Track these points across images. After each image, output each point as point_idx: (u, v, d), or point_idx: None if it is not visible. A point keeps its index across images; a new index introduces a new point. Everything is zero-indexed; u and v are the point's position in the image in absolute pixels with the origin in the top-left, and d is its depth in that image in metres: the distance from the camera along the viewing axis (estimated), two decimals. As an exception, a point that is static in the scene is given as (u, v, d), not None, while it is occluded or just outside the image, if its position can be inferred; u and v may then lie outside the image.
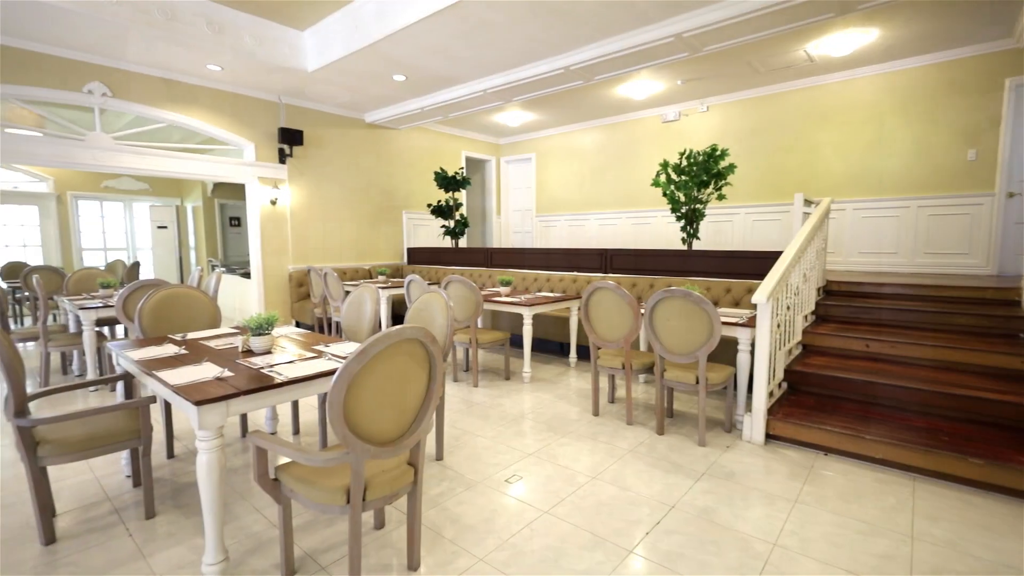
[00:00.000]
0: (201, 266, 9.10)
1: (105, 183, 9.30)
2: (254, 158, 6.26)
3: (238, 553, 2.02)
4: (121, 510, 2.35)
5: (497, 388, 4.25)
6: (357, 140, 7.35)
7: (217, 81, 5.79)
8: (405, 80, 5.76)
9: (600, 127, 8.28)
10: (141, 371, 2.15)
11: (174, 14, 4.43)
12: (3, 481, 2.63)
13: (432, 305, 2.89)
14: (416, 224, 8.29)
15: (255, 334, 2.39)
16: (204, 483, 1.75)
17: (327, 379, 2.04)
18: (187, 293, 3.17)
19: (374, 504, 1.74)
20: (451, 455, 2.94)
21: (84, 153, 5.10)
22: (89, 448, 2.13)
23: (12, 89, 4.63)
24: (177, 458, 2.91)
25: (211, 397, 1.73)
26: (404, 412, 1.78)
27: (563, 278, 5.72)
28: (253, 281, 6.55)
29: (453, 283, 4.29)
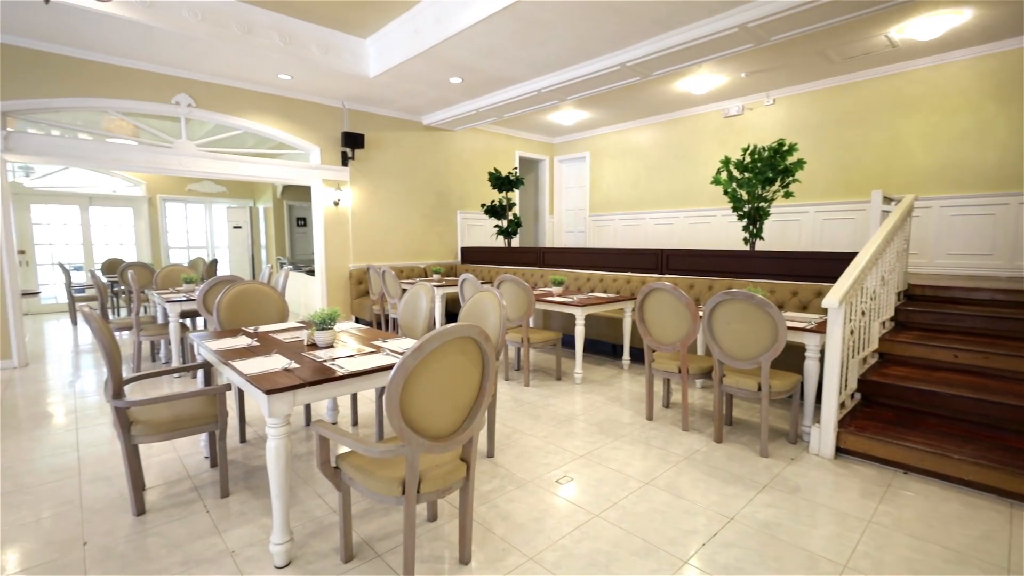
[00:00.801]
0: (271, 264, 9.70)
1: (189, 186, 10.11)
2: (319, 161, 6.59)
3: (301, 535, 2.13)
4: (200, 488, 2.55)
5: (548, 388, 4.24)
6: (415, 142, 7.57)
7: (287, 89, 6.14)
8: (461, 82, 5.86)
9: (657, 124, 8.06)
10: (219, 360, 2.32)
11: (250, 28, 4.74)
12: (102, 457, 2.92)
13: (485, 304, 2.92)
14: (470, 224, 8.42)
15: (319, 328, 2.52)
16: (272, 467, 1.87)
17: (385, 373, 2.11)
18: (258, 289, 3.39)
19: (427, 497, 1.79)
20: (502, 453, 2.96)
21: (172, 159, 5.57)
22: (174, 429, 2.32)
23: (112, 102, 5.13)
24: (249, 443, 3.12)
25: (280, 387, 1.84)
26: (457, 408, 1.81)
27: (616, 278, 5.62)
28: (317, 278, 6.90)
29: (506, 282, 4.32)
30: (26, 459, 2.88)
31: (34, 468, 2.77)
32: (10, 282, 4.77)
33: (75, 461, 2.86)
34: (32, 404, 3.84)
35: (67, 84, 4.88)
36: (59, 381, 4.47)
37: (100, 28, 4.36)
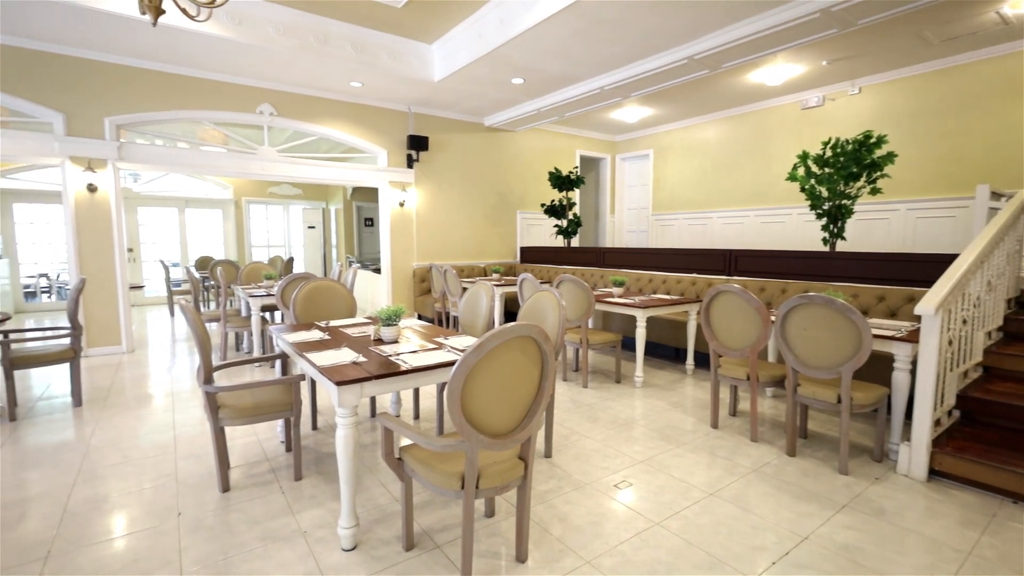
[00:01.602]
0: (341, 262, 10.24)
1: (270, 190, 10.89)
2: (386, 164, 6.87)
3: (366, 521, 2.23)
4: (276, 470, 2.73)
5: (607, 390, 4.17)
6: (476, 144, 7.70)
7: (358, 96, 6.45)
8: (523, 83, 5.89)
9: (726, 118, 7.69)
10: (294, 352, 2.48)
11: (326, 39, 5.03)
12: (194, 436, 3.21)
13: (544, 303, 2.92)
14: (529, 224, 8.44)
15: (385, 324, 2.63)
16: (341, 455, 1.97)
17: (446, 370, 2.17)
18: (330, 286, 3.59)
19: (486, 493, 1.81)
20: (559, 454, 2.95)
21: (255, 164, 6.02)
22: (255, 415, 2.51)
23: (206, 114, 5.62)
24: (320, 430, 3.31)
25: (349, 379, 1.93)
26: (517, 406, 1.82)
27: (681, 280, 5.42)
28: (383, 276, 7.20)
29: (565, 282, 4.30)
30: (132, 435, 3.22)
31: (138, 443, 3.09)
32: (121, 277, 5.35)
33: (172, 439, 3.16)
34: (137, 386, 4.30)
35: (169, 99, 5.40)
36: (159, 366, 4.97)
37: (197, 47, 4.79)
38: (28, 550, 2.03)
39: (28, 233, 8.75)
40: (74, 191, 5.04)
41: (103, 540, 2.11)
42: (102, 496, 2.46)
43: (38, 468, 2.76)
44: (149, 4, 2.52)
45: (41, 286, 8.98)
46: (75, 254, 5.09)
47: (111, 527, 2.20)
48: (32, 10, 4.06)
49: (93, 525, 2.22)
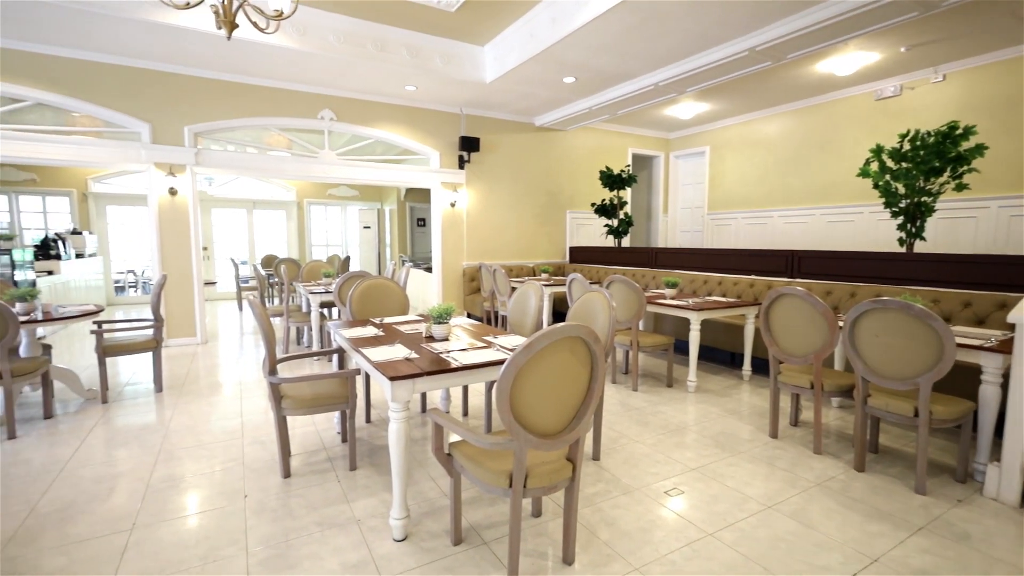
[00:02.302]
0: (394, 261, 10.56)
1: (329, 191, 11.40)
2: (438, 165, 7.02)
3: (416, 514, 2.29)
4: (333, 459, 2.86)
5: (658, 394, 4.07)
6: (526, 144, 7.71)
7: (411, 99, 6.63)
8: (575, 81, 5.84)
9: (789, 112, 7.30)
10: (350, 347, 2.58)
11: (383, 46, 5.20)
12: (259, 424, 3.41)
13: (594, 304, 2.88)
14: (579, 223, 8.37)
15: (436, 322, 2.68)
16: (393, 448, 2.03)
17: (495, 368, 2.19)
18: (384, 284, 3.71)
19: (533, 492, 1.82)
20: (608, 457, 2.90)
21: (316, 168, 6.32)
22: (313, 406, 2.63)
23: (273, 120, 5.96)
24: (373, 423, 3.43)
25: (402, 374, 1.99)
26: (565, 407, 1.81)
27: (738, 282, 5.19)
28: (434, 275, 7.36)
29: (615, 283, 4.23)
30: (205, 420, 3.47)
31: (210, 428, 3.32)
32: (196, 274, 5.77)
33: (239, 426, 3.37)
34: (209, 375, 4.62)
35: (240, 107, 5.77)
36: (228, 357, 5.32)
37: (265, 57, 5.09)
38: (117, 521, 2.23)
39: (118, 233, 9.61)
40: (157, 194, 5.48)
41: (179, 516, 2.28)
42: (179, 476, 2.67)
43: (125, 447, 3.03)
44: (224, 19, 2.70)
45: (128, 281, 9.85)
46: (158, 252, 5.54)
47: (186, 505, 2.38)
48: (123, 29, 4.45)
49: (171, 502, 2.40)
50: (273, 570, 1.91)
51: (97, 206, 9.23)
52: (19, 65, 4.80)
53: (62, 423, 3.40)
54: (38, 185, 8.68)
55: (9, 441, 3.09)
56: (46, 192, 8.81)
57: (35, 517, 2.26)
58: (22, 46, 4.77)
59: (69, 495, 2.46)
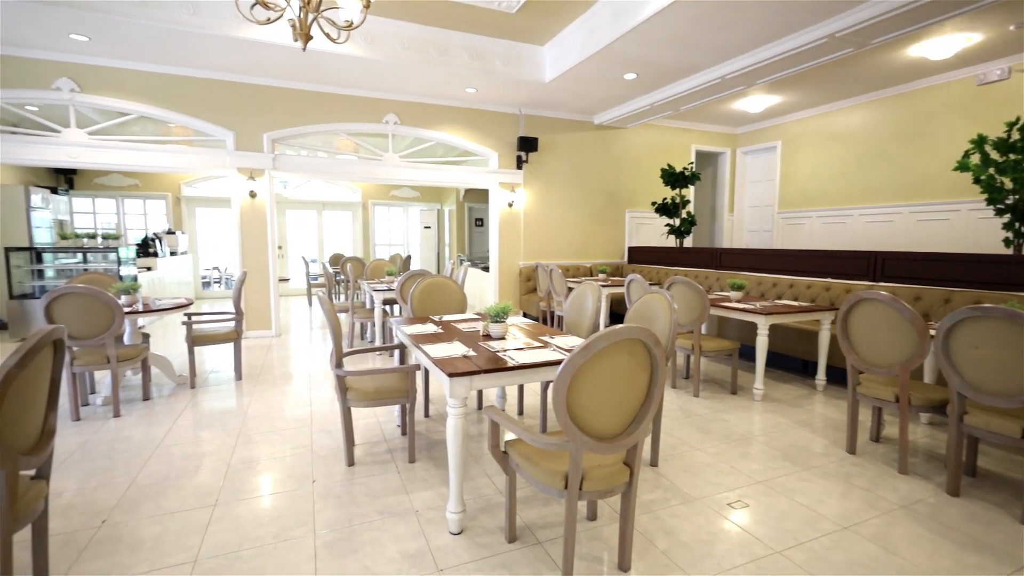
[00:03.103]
0: (452, 260, 10.79)
1: (392, 193, 11.84)
2: (496, 166, 7.09)
3: (472, 509, 2.33)
4: (393, 451, 2.97)
5: (721, 401, 3.89)
6: (585, 142, 7.63)
7: (471, 101, 6.74)
8: (636, 78, 5.71)
9: (873, 102, 6.74)
10: (411, 343, 2.67)
11: (445, 50, 5.33)
12: (325, 413, 3.60)
13: (654, 306, 2.80)
14: (639, 223, 8.17)
15: (493, 321, 2.71)
16: (451, 443, 2.07)
17: (552, 368, 2.18)
18: (443, 282, 3.80)
19: (589, 495, 1.79)
20: (666, 463, 2.81)
21: (381, 170, 6.58)
22: (376, 399, 2.74)
23: (342, 125, 6.27)
24: (431, 418, 3.52)
25: (460, 371, 2.03)
26: (623, 411, 1.78)
27: (811, 285, 4.87)
28: (491, 274, 7.45)
29: (677, 284, 4.09)
30: (278, 408, 3.71)
31: (283, 415, 3.55)
32: (272, 271, 6.19)
33: (308, 414, 3.58)
34: (282, 365, 4.94)
35: (312, 114, 6.11)
36: (299, 349, 5.66)
37: (335, 66, 5.36)
38: (203, 496, 2.44)
39: (206, 233, 10.48)
40: (240, 197, 5.92)
41: (255, 496, 2.46)
42: (255, 458, 2.87)
43: (210, 429, 3.30)
44: (300, 32, 2.87)
45: (214, 277, 10.71)
46: (239, 250, 5.99)
47: (261, 485, 2.56)
48: (212, 45, 4.84)
49: (248, 482, 2.59)
50: (338, 553, 2.01)
51: (188, 208, 10.12)
52: (126, 82, 5.35)
53: (157, 405, 3.76)
54: (139, 190, 9.64)
55: (114, 419, 3.45)
56: (146, 196, 9.76)
57: (135, 488, 2.52)
58: (130, 65, 5.32)
59: (163, 470, 2.71)
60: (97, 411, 3.59)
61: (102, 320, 3.39)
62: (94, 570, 1.90)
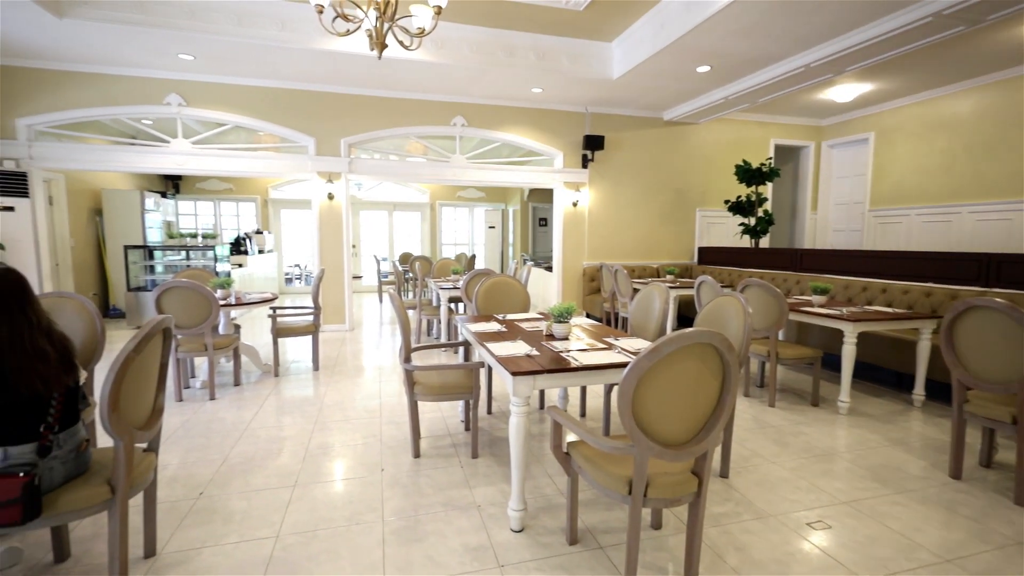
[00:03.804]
0: (516, 259, 10.87)
1: (458, 193, 12.13)
2: (561, 165, 7.06)
3: (533, 508, 2.34)
4: (456, 446, 3.04)
5: (799, 413, 3.63)
6: (653, 139, 7.41)
7: (537, 101, 6.75)
8: (710, 70, 5.46)
9: (986, 86, 6.00)
10: (476, 341, 2.72)
11: (512, 51, 5.38)
12: (393, 406, 3.76)
13: (726, 309, 2.67)
14: (710, 222, 7.81)
15: (557, 321, 2.70)
16: (513, 441, 2.09)
17: (616, 371, 2.14)
18: (507, 282, 3.84)
19: (654, 503, 1.74)
20: (738, 476, 2.67)
21: (448, 171, 6.76)
22: (441, 393, 2.82)
23: (413, 129, 6.51)
24: (494, 415, 3.57)
25: (523, 370, 2.04)
26: (692, 418, 1.71)
27: (909, 290, 4.42)
28: (554, 274, 7.43)
29: (752, 287, 3.86)
30: (350, 398, 3.92)
31: (355, 405, 3.75)
32: (347, 269, 6.55)
33: (378, 406, 3.75)
34: (355, 358, 5.21)
35: (384, 119, 6.40)
36: (370, 343, 5.94)
37: (406, 72, 5.57)
38: (284, 477, 2.63)
39: (289, 232, 11.28)
40: (319, 199, 6.32)
41: (329, 480, 2.61)
42: (330, 444, 3.05)
43: (290, 415, 3.55)
44: (376, 41, 3.01)
45: (295, 274, 11.50)
46: (318, 249, 6.39)
47: (335, 470, 2.72)
48: (296, 57, 5.20)
49: (323, 466, 2.76)
50: (404, 540, 2.09)
51: (274, 210, 10.94)
52: (224, 95, 5.87)
53: (246, 390, 4.10)
54: (233, 193, 10.55)
55: (210, 402, 3.81)
56: (239, 199, 10.66)
57: (227, 465, 2.76)
58: (227, 80, 5.83)
59: (250, 450, 2.95)
60: (196, 394, 3.98)
61: (202, 312, 3.75)
62: (193, 537, 2.11)
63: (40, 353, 1.56)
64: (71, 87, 5.45)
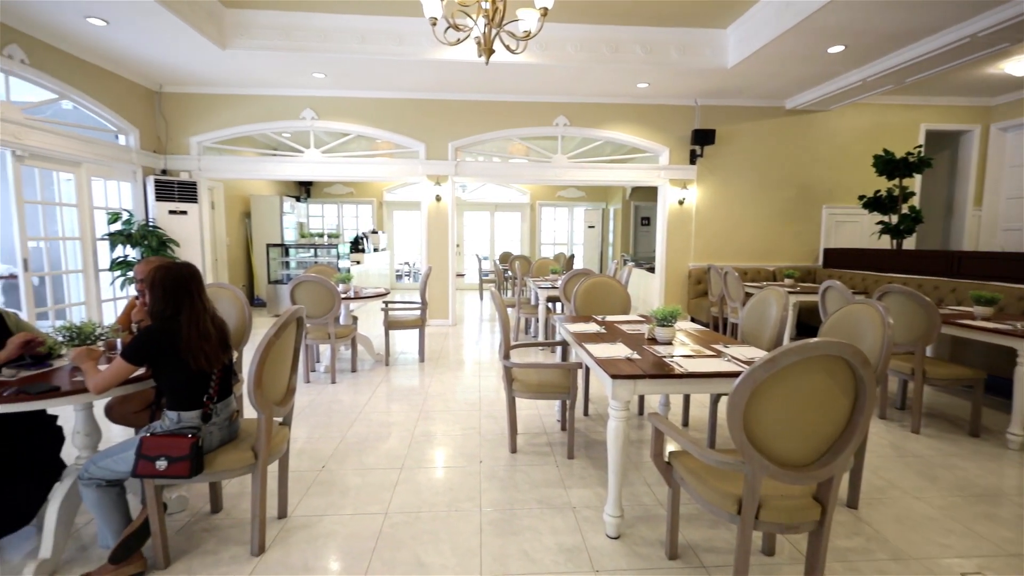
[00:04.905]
0: (616, 260, 10.62)
1: (559, 193, 12.14)
2: (667, 162, 6.75)
3: (630, 516, 2.27)
4: (552, 445, 3.05)
5: (952, 443, 3.11)
6: (772, 130, 6.79)
7: (642, 97, 6.52)
8: (843, 50, 4.87)
9: None
10: (574, 341, 2.70)
11: (617, 47, 5.25)
12: (492, 400, 3.87)
13: (860, 319, 2.36)
14: (839, 220, 6.98)
15: (660, 324, 2.59)
16: (611, 445, 2.04)
17: (725, 380, 2.00)
18: (607, 282, 3.76)
19: (766, 527, 1.60)
20: (870, 508, 2.35)
21: (549, 171, 6.80)
22: (539, 392, 2.85)
23: (514, 131, 6.64)
24: (590, 417, 3.53)
25: (624, 374, 1.99)
26: (815, 437, 1.54)
27: (1114, 303, 3.56)
28: (656, 275, 7.13)
29: (893, 294, 3.38)
30: (452, 390, 4.11)
31: (456, 398, 3.92)
32: (451, 267, 6.87)
33: (477, 399, 3.89)
34: (456, 352, 5.45)
35: (489, 121, 6.60)
36: (470, 339, 6.18)
37: (510, 75, 5.70)
38: (392, 460, 2.83)
39: (400, 232, 12.13)
40: (427, 201, 6.71)
41: (432, 466, 2.76)
42: (432, 433, 3.22)
43: (398, 402, 3.81)
44: (484, 47, 3.11)
45: (404, 271, 12.34)
46: (426, 248, 6.79)
47: (437, 458, 2.87)
48: (410, 69, 5.56)
49: (425, 452, 2.93)
50: (500, 532, 2.14)
51: (388, 211, 11.82)
52: (348, 108, 6.47)
53: (361, 377, 4.48)
54: (353, 197, 11.59)
55: (331, 385, 4.22)
56: (358, 202, 11.69)
57: (344, 444, 3.04)
58: (350, 94, 6.42)
59: (364, 432, 3.22)
60: (320, 377, 4.44)
61: (327, 303, 4.17)
62: (316, 504, 2.36)
63: (206, 334, 1.85)
64: (229, 108, 6.36)
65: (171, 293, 1.82)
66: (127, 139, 5.82)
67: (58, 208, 5.20)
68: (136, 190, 5.97)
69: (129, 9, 4.07)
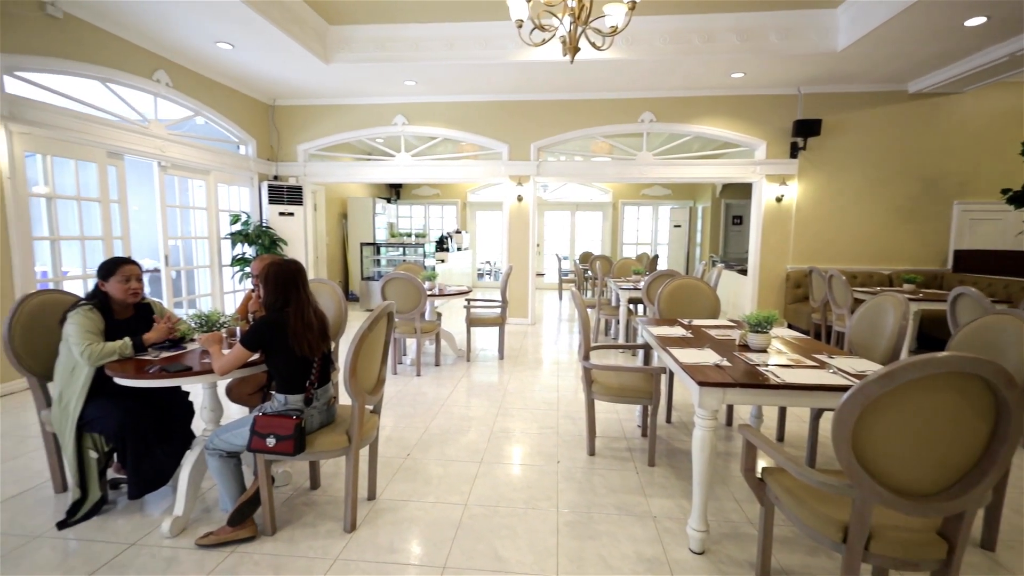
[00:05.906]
0: (704, 261, 10.08)
1: (643, 192, 11.76)
2: (764, 156, 6.28)
3: (715, 532, 2.14)
4: (632, 451, 2.96)
5: None
6: (891, 118, 6.07)
7: (736, 88, 6.12)
8: (985, 22, 4.23)
9: None
10: (658, 345, 2.60)
11: (710, 36, 4.98)
12: (571, 401, 3.84)
13: (1002, 332, 2.04)
14: (974, 218, 6.08)
15: (753, 330, 2.42)
16: (697, 456, 1.94)
17: (831, 394, 1.82)
18: (694, 284, 3.58)
19: (878, 560, 1.43)
20: (1010, 551, 2.03)
21: (633, 169, 6.61)
22: (618, 395, 2.78)
23: (598, 129, 6.53)
24: (673, 424, 3.38)
25: (712, 381, 1.88)
26: (941, 465, 1.35)
27: None
28: (749, 278, 6.67)
29: (1045, 304, 2.88)
30: (529, 388, 4.14)
31: (533, 396, 3.94)
32: (531, 266, 6.92)
33: (555, 399, 3.88)
34: (534, 351, 5.48)
35: (571, 121, 6.54)
36: (549, 338, 6.18)
37: (594, 73, 5.61)
38: (472, 453, 2.91)
39: (482, 232, 12.44)
40: (509, 201, 6.80)
41: (509, 463, 2.80)
42: (510, 429, 3.27)
43: (478, 397, 3.91)
44: (569, 46, 3.09)
45: (486, 270, 12.63)
46: (507, 248, 6.90)
47: (514, 455, 2.90)
48: (494, 71, 5.67)
49: (504, 448, 2.97)
50: (576, 535, 2.12)
51: (471, 212, 12.17)
52: (435, 112, 6.74)
53: (444, 371, 4.65)
54: (439, 198, 12.06)
55: (416, 377, 4.43)
56: (443, 203, 12.15)
57: (427, 434, 3.18)
58: (437, 99, 6.68)
59: (446, 424, 3.35)
60: (406, 369, 4.67)
61: (414, 299, 4.38)
62: (401, 490, 2.48)
63: (310, 324, 2.02)
64: (330, 117, 6.90)
65: (281, 287, 2.01)
66: (246, 149, 6.53)
67: (191, 211, 5.95)
68: (252, 194, 6.68)
69: (251, 33, 4.57)
